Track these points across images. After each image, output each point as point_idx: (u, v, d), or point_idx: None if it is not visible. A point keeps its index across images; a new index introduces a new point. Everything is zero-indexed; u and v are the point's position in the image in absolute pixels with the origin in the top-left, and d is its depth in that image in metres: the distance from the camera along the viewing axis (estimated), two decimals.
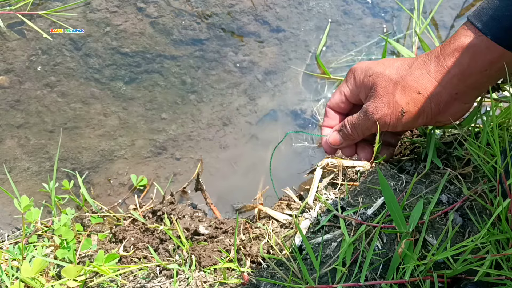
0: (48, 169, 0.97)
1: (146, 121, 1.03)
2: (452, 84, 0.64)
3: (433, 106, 0.65)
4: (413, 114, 0.66)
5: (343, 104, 0.76)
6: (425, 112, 0.66)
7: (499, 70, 0.61)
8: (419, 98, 0.65)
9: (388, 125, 0.68)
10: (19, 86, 1.05)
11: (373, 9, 1.21)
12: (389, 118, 0.68)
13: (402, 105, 0.66)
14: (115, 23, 1.13)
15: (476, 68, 0.61)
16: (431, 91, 0.65)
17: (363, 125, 0.71)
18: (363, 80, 0.70)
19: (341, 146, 0.76)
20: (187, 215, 0.87)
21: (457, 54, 0.62)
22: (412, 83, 0.65)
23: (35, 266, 0.72)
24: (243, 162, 1.00)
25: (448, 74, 0.63)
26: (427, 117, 0.67)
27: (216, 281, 0.72)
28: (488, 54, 0.59)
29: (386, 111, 0.67)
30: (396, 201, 0.65)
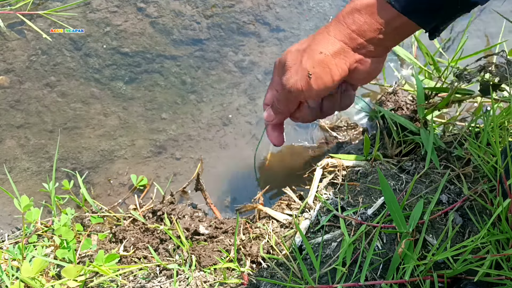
0: (48, 169, 0.97)
1: (146, 121, 1.03)
2: (351, 40, 0.67)
3: (337, 62, 0.68)
4: (320, 75, 0.69)
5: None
6: (332, 70, 0.69)
7: (396, 30, 0.65)
8: (321, 58, 0.68)
9: (302, 91, 0.70)
10: (19, 86, 1.05)
11: None
12: (299, 84, 0.70)
13: (307, 68, 0.69)
14: (115, 23, 1.13)
15: (372, 26, 0.65)
16: (331, 48, 0.68)
17: (283, 97, 0.74)
18: (278, 64, 0.75)
19: (274, 122, 0.79)
20: (187, 215, 0.87)
21: (355, 13, 0.66)
22: (314, 47, 0.69)
23: (35, 266, 0.72)
24: (243, 162, 1.00)
25: (346, 30, 0.67)
26: (336, 75, 0.69)
27: (216, 281, 0.72)
28: (383, 14, 0.64)
29: (295, 78, 0.70)
30: (396, 201, 0.65)
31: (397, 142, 0.94)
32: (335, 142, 1.03)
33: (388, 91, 1.02)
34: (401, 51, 1.03)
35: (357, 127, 1.04)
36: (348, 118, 1.06)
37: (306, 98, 0.73)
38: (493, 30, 1.18)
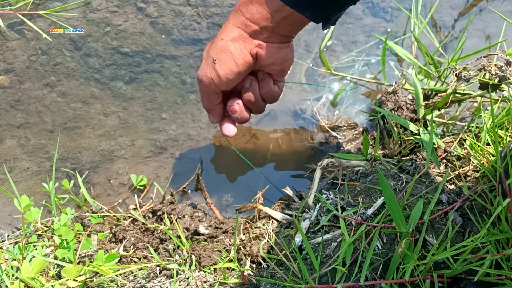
0: (48, 169, 0.97)
1: (146, 121, 1.03)
2: (247, 26, 0.72)
3: (238, 47, 0.72)
4: (224, 60, 0.73)
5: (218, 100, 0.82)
6: (233, 54, 0.73)
7: (285, 19, 0.70)
8: (223, 44, 0.73)
9: (211, 79, 0.75)
10: (19, 86, 1.05)
11: (373, 9, 1.21)
12: (208, 72, 0.75)
13: (212, 55, 0.73)
14: (115, 23, 1.13)
15: (263, 15, 0.70)
16: (230, 34, 0.73)
17: (201, 91, 0.79)
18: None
19: (215, 121, 0.83)
20: (187, 215, 0.87)
21: (249, 3, 0.71)
22: (217, 36, 0.74)
23: (35, 266, 0.72)
24: (243, 162, 1.00)
25: (241, 17, 0.72)
26: (238, 58, 0.73)
27: (216, 281, 0.73)
28: (271, 4, 0.69)
29: (204, 68, 0.75)
30: (396, 201, 0.65)
31: (397, 142, 0.94)
32: (335, 142, 1.03)
33: (388, 91, 1.03)
34: (400, 51, 1.03)
35: (357, 127, 1.04)
36: (348, 118, 1.06)
37: (218, 86, 0.76)
38: (493, 30, 1.18)
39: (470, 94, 0.93)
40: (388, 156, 0.94)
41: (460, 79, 0.88)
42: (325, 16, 0.72)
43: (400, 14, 1.19)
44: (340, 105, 1.08)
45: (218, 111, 0.82)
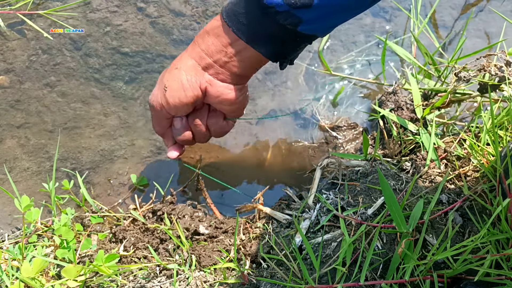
0: (48, 169, 0.97)
1: (147, 121, 1.03)
2: (201, 58, 0.72)
3: (189, 79, 0.73)
4: (174, 88, 0.74)
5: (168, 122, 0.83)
6: (184, 85, 0.73)
7: (239, 54, 0.70)
8: (176, 72, 0.74)
9: (161, 105, 0.76)
10: (19, 86, 1.05)
11: (373, 9, 1.21)
12: (159, 98, 0.76)
13: (164, 82, 0.75)
14: (115, 23, 1.13)
15: (217, 47, 0.71)
16: (185, 64, 0.74)
17: (152, 114, 0.80)
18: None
19: (163, 137, 0.85)
20: (187, 215, 0.87)
21: (205, 34, 0.72)
22: (173, 63, 0.75)
23: (35, 266, 0.72)
24: (243, 162, 1.00)
25: (197, 48, 0.73)
26: (188, 89, 0.74)
27: (216, 281, 0.73)
28: (227, 37, 0.69)
29: (156, 93, 0.77)
30: (396, 201, 0.65)
31: (397, 142, 0.94)
32: (335, 142, 1.03)
33: (388, 90, 1.03)
34: (400, 51, 1.03)
35: (357, 127, 1.04)
36: (348, 118, 1.06)
37: (168, 111, 0.77)
38: (493, 30, 1.18)
39: (470, 94, 0.93)
40: (388, 156, 0.94)
41: (460, 79, 0.88)
42: (282, 54, 0.72)
43: (400, 14, 1.19)
44: (340, 105, 1.08)
45: (170, 136, 0.83)
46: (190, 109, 0.78)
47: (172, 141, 0.84)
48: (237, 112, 0.81)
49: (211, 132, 0.83)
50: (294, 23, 0.66)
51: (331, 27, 0.71)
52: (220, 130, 0.83)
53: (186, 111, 0.78)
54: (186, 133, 0.81)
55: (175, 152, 0.85)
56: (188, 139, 0.82)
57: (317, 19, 0.66)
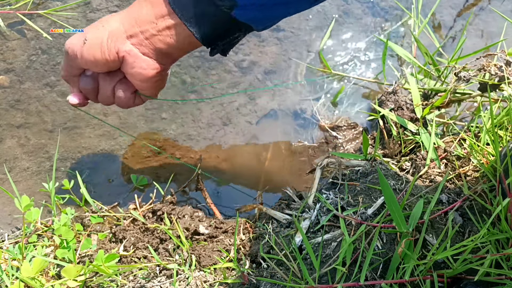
0: (48, 169, 0.97)
1: (146, 120, 1.03)
2: (130, 26, 0.69)
3: (109, 42, 0.70)
4: (93, 45, 0.70)
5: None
6: (102, 46, 0.70)
7: (168, 29, 0.68)
8: (101, 30, 0.70)
9: (75, 54, 0.73)
10: (19, 85, 1.05)
11: (373, 9, 1.21)
12: (75, 47, 0.72)
13: (86, 35, 0.71)
14: None
15: (149, 17, 0.67)
16: (111, 26, 0.70)
17: (64, 58, 0.76)
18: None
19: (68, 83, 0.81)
20: (187, 215, 0.87)
21: (141, 2, 0.69)
22: (104, 19, 0.72)
23: (35, 266, 0.72)
24: (243, 162, 1.00)
25: (130, 15, 0.69)
26: (104, 52, 0.71)
27: (216, 281, 0.73)
28: (160, 8, 0.66)
29: (75, 41, 0.73)
30: (396, 200, 0.65)
31: (397, 141, 0.94)
32: (335, 142, 1.03)
33: (388, 90, 1.03)
34: (400, 51, 1.03)
35: (357, 127, 1.04)
36: (348, 117, 1.06)
37: (79, 64, 0.74)
38: (493, 29, 1.18)
39: (470, 94, 0.93)
40: (388, 156, 0.94)
41: (460, 79, 0.88)
42: (213, 38, 0.70)
43: (400, 14, 1.19)
44: (340, 104, 1.08)
45: (76, 83, 0.79)
46: (102, 70, 0.75)
47: (77, 89, 0.80)
48: (149, 91, 0.77)
49: (115, 98, 0.79)
50: (229, 6, 0.64)
51: (267, 19, 0.68)
52: (124, 101, 0.79)
53: (98, 71, 0.75)
54: (90, 86, 0.78)
55: (75, 98, 0.80)
56: (91, 93, 0.79)
57: (252, 6, 0.64)
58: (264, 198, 0.89)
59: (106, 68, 0.74)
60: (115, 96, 0.79)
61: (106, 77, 0.77)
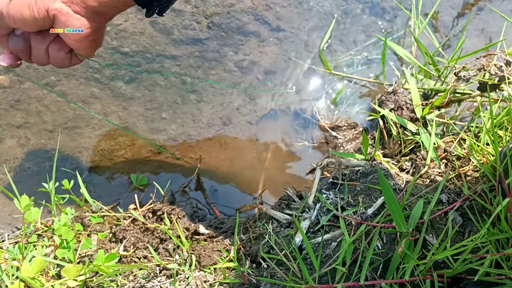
0: (48, 169, 0.97)
1: (146, 120, 1.03)
2: None
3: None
4: (20, 3, 0.67)
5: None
6: (30, 3, 0.67)
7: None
8: None
9: (1, 11, 0.69)
10: (19, 86, 1.05)
11: (373, 9, 1.21)
12: (1, 4, 0.69)
13: None
14: (115, 23, 1.13)
15: None
16: None
17: None
18: None
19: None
20: (187, 215, 0.87)
21: None
22: None
23: (35, 266, 0.72)
24: (243, 162, 1.00)
25: None
26: (33, 10, 0.67)
27: (216, 280, 0.73)
28: None
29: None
30: (396, 200, 0.65)
31: (397, 141, 0.94)
32: (335, 142, 1.03)
33: (388, 90, 1.03)
34: (400, 51, 1.03)
35: (357, 127, 1.04)
36: (348, 117, 1.06)
37: (7, 23, 0.70)
38: (493, 29, 1.18)
39: (470, 94, 0.93)
40: (388, 156, 0.94)
41: (460, 79, 0.88)
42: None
43: (401, 14, 1.19)
44: (340, 104, 1.08)
45: (5, 43, 0.75)
46: (33, 29, 0.71)
47: (8, 50, 0.76)
48: (85, 51, 0.74)
49: (49, 58, 0.75)
50: None
51: None
52: (59, 61, 0.76)
53: (29, 30, 0.72)
54: (21, 46, 0.74)
55: (6, 59, 0.76)
56: (23, 53, 0.75)
57: None
58: (264, 198, 0.89)
59: (36, 27, 0.70)
60: (49, 56, 0.75)
61: (38, 36, 0.73)
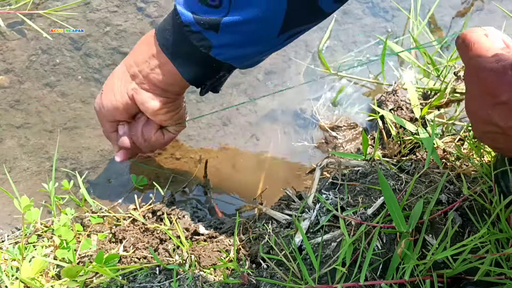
0: (48, 169, 0.97)
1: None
2: (130, 66, 0.74)
3: (119, 84, 0.76)
4: (107, 92, 0.77)
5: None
6: (114, 90, 0.76)
7: (160, 67, 0.71)
8: (111, 77, 0.78)
9: (98, 105, 0.80)
10: (19, 86, 1.05)
11: (373, 9, 1.21)
12: (98, 99, 0.80)
13: (104, 85, 0.79)
14: (115, 23, 1.13)
15: (144, 57, 0.72)
16: (118, 69, 0.77)
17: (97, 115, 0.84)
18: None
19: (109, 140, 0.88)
20: (187, 215, 0.87)
21: (141, 43, 0.74)
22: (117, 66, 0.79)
23: (35, 266, 0.72)
24: (243, 162, 1.00)
25: (130, 57, 0.75)
26: (117, 95, 0.76)
27: (216, 281, 0.73)
28: (153, 48, 0.71)
29: (98, 94, 0.81)
30: (396, 201, 0.65)
31: (397, 142, 0.94)
32: (335, 142, 1.03)
33: (388, 90, 1.03)
34: (399, 50, 1.03)
35: (357, 127, 1.04)
36: (348, 118, 1.06)
37: (105, 116, 0.79)
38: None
39: None
40: (388, 156, 0.94)
41: (459, 78, 0.88)
42: (200, 78, 0.72)
43: (401, 14, 1.19)
44: (340, 105, 1.09)
45: (115, 141, 0.84)
46: (124, 115, 0.79)
47: (118, 147, 0.85)
48: (167, 123, 0.81)
49: (146, 141, 0.83)
50: (206, 46, 0.66)
51: (245, 58, 0.70)
52: (154, 140, 0.83)
53: (121, 117, 0.79)
54: (123, 138, 0.82)
55: (118, 157, 0.86)
56: (125, 145, 0.83)
57: (228, 46, 0.66)
58: (264, 198, 0.89)
59: (126, 112, 0.78)
60: (145, 139, 0.83)
61: (132, 127, 0.82)
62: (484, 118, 0.50)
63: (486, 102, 0.49)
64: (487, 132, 0.52)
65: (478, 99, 0.51)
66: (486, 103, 0.49)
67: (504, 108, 0.47)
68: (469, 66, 0.52)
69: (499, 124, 0.49)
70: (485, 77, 0.48)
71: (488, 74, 0.48)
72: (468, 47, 0.51)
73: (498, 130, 0.50)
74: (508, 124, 0.48)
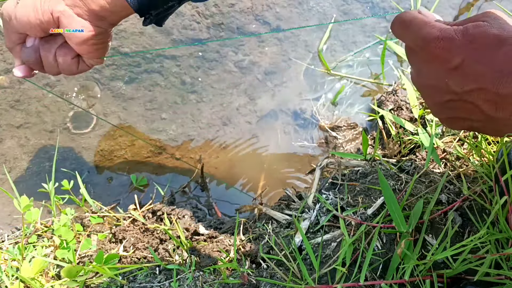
0: (48, 169, 0.97)
1: (146, 121, 1.03)
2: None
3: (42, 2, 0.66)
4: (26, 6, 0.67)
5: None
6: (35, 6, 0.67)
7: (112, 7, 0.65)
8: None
9: (9, 15, 0.69)
10: (19, 86, 1.05)
11: (373, 9, 1.21)
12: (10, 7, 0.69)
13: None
14: None
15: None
16: None
17: (3, 24, 0.72)
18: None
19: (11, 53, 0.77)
20: (187, 215, 0.87)
21: None
22: None
23: (35, 266, 0.72)
24: (243, 162, 1.01)
25: None
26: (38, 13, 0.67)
27: (216, 281, 0.73)
28: None
29: (8, 3, 0.70)
30: (396, 201, 0.65)
31: (397, 142, 0.94)
32: (335, 142, 1.03)
33: (388, 90, 1.03)
34: (400, 51, 1.03)
35: (356, 127, 1.04)
36: (348, 118, 1.06)
37: (15, 27, 0.70)
38: None
39: None
40: (388, 156, 0.94)
41: None
42: (146, 6, 0.66)
43: None
44: (340, 105, 1.09)
45: (18, 53, 0.75)
46: (39, 33, 0.71)
47: (20, 60, 0.76)
48: (89, 55, 0.73)
49: (58, 64, 0.75)
50: None
51: None
52: (66, 67, 0.75)
53: (35, 33, 0.71)
54: (32, 58, 0.74)
55: (19, 71, 0.77)
56: (35, 64, 0.75)
57: None
58: (264, 198, 0.89)
59: (41, 30, 0.70)
60: (58, 63, 0.74)
61: (45, 44, 0.73)
62: (441, 87, 0.51)
63: (439, 72, 0.50)
64: (445, 103, 0.52)
65: (429, 72, 0.51)
66: (439, 74, 0.50)
67: (458, 73, 0.48)
68: (411, 42, 0.53)
69: (455, 91, 0.49)
70: (434, 47, 0.49)
71: (436, 44, 0.49)
72: (406, 24, 0.52)
73: (455, 97, 0.50)
74: (464, 88, 0.48)
